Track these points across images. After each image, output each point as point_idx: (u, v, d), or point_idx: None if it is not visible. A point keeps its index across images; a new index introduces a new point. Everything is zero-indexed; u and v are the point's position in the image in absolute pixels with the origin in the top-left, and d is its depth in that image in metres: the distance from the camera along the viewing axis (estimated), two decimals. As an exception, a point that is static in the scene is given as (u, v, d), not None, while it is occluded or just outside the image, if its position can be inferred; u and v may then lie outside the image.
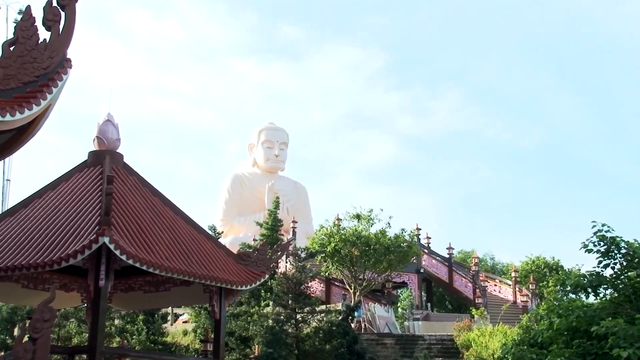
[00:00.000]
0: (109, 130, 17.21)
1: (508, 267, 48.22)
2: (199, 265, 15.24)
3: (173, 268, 14.16)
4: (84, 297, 14.72)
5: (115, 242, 13.03)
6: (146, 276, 16.28)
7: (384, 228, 31.63)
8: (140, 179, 17.29)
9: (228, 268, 16.27)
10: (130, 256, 13.23)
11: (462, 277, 39.36)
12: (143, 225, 15.19)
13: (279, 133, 51.90)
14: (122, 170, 17.00)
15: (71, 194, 15.78)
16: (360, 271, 31.36)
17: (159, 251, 14.57)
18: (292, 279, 26.94)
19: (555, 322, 12.15)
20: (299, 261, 29.36)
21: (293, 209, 48.26)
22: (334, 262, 31.43)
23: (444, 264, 39.83)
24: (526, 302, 35.35)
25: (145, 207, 16.15)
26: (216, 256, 16.40)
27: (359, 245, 30.55)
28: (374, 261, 30.79)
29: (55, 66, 10.86)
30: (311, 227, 48.09)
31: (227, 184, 50.43)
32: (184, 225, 16.74)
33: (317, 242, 31.83)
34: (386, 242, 30.68)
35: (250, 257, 17.03)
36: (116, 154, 17.23)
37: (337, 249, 30.76)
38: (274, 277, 30.01)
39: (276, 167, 51.39)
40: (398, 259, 31.54)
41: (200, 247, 16.21)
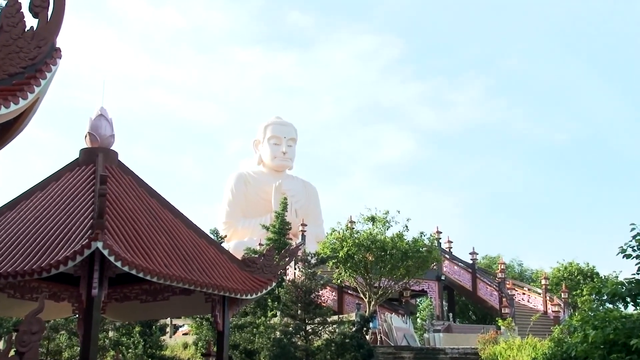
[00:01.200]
0: (102, 125, 17.24)
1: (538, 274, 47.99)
2: (201, 272, 15.24)
3: (172, 275, 14.16)
4: (76, 308, 14.75)
5: (109, 247, 13.04)
6: (143, 284, 16.31)
7: (401, 231, 31.55)
8: (136, 179, 17.30)
9: (232, 275, 16.26)
10: (126, 263, 13.24)
11: (487, 285, 39.22)
12: (139, 229, 15.20)
13: (287, 128, 51.92)
14: (117, 169, 17.03)
15: (61, 195, 15.82)
16: (375, 278, 31.30)
17: (157, 257, 14.58)
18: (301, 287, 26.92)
19: (590, 335, 12.05)
20: (308, 267, 29.33)
21: (302, 210, 48.25)
22: (346, 268, 31.38)
23: (467, 270, 39.70)
24: (558, 312, 35.16)
25: (142, 209, 16.16)
26: (219, 262, 16.39)
27: (374, 250, 30.48)
28: (391, 267, 30.72)
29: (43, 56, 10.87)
30: (322, 230, 48.05)
31: (230, 184, 50.52)
32: (184, 228, 16.74)
33: (329, 246, 31.79)
34: (404, 247, 30.59)
35: (255, 264, 17.03)
36: (110, 152, 17.25)
37: (350, 254, 30.72)
38: (282, 285, 30.00)
39: (284, 166, 51.42)
40: (417, 265, 31.44)
41: (202, 252, 16.21)
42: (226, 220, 49.06)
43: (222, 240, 37.90)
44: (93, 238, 12.92)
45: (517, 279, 46.91)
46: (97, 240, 12.87)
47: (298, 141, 53.16)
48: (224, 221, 49.00)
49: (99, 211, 13.47)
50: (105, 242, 13.02)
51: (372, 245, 30.47)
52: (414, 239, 31.54)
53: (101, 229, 13.13)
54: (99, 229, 13.10)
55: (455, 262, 39.95)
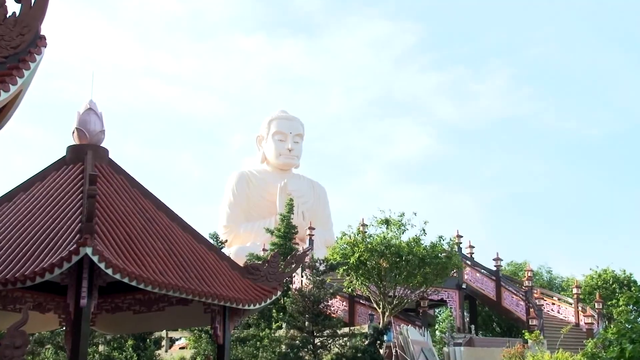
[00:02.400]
0: (91, 120, 17.25)
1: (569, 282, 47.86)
2: (199, 281, 15.22)
3: (168, 284, 14.15)
4: (63, 319, 14.77)
5: (99, 253, 13.04)
6: (136, 294, 16.33)
7: (418, 235, 31.50)
8: (129, 179, 17.30)
9: (233, 284, 16.24)
10: (117, 270, 13.23)
11: (512, 294, 39.12)
12: (132, 233, 15.19)
13: (293, 123, 51.95)
14: (107, 168, 17.04)
15: (47, 197, 15.83)
16: (390, 287, 31.26)
17: (152, 264, 14.57)
18: (309, 297, 26.90)
19: (627, 349, 11.98)
20: (317, 275, 29.32)
21: (310, 213, 48.27)
22: (358, 276, 31.35)
23: (491, 278, 39.61)
24: (591, 324, 35.03)
25: (135, 211, 16.16)
26: (219, 270, 16.37)
27: (388, 256, 30.45)
28: (407, 275, 30.68)
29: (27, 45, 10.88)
30: (331, 234, 48.01)
31: (231, 183, 50.60)
32: (181, 233, 16.73)
33: (339, 252, 31.77)
34: (421, 252, 30.53)
35: (259, 271, 17.02)
36: (100, 149, 17.26)
37: (362, 260, 30.69)
38: (288, 294, 29.98)
39: (289, 164, 51.46)
40: (435, 273, 31.38)
41: (200, 258, 16.20)
42: (227, 223, 49.13)
43: (222, 245, 37.93)
44: (81, 243, 12.92)
45: (545, 287, 46.78)
46: (86, 245, 12.87)
47: (305, 137, 53.18)
48: (224, 224, 49.07)
49: (88, 214, 13.47)
50: (95, 247, 13.01)
51: (386, 250, 30.42)
52: (432, 244, 31.47)
53: (90, 234, 13.13)
54: (88, 234, 13.09)
55: (477, 269, 39.87)
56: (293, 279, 33.89)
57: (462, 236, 39.51)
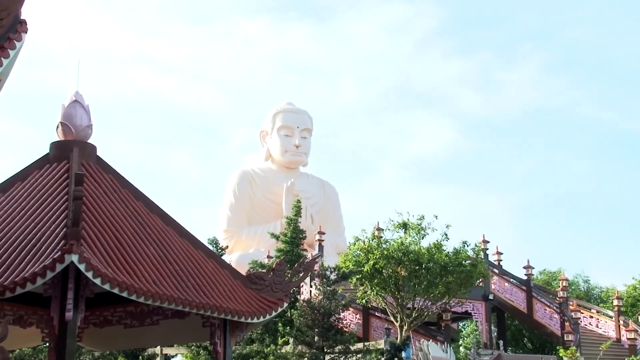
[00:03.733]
0: (77, 114, 17.29)
1: (608, 293, 47.57)
2: (197, 291, 15.23)
3: (162, 295, 14.16)
4: (46, 334, 14.77)
5: (87, 261, 13.06)
6: (127, 306, 16.34)
7: (439, 241, 31.42)
8: (119, 178, 17.32)
9: (234, 294, 16.24)
10: (107, 279, 13.25)
11: (545, 306, 38.99)
12: (123, 238, 15.21)
13: (300, 116, 51.96)
14: (95, 167, 17.06)
15: (28, 199, 15.86)
16: (408, 298, 31.22)
17: (144, 273, 14.58)
18: (318, 309, 26.88)
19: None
20: (327, 285, 29.30)
21: (319, 215, 48.25)
22: (373, 285, 31.32)
23: (521, 288, 39.50)
24: (634, 339, 34.86)
25: (126, 215, 16.18)
26: (219, 279, 16.38)
27: (406, 264, 30.40)
28: (427, 284, 30.62)
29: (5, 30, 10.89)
30: (343, 239, 47.98)
31: (232, 183, 50.68)
32: (177, 238, 16.74)
33: (352, 259, 31.75)
34: (443, 260, 30.47)
35: (263, 280, 17.03)
36: (87, 145, 17.29)
37: (377, 268, 30.66)
38: (295, 305, 29.97)
39: (297, 161, 51.50)
40: (459, 282, 31.31)
41: (198, 267, 16.20)
42: (227, 227, 49.20)
43: (222, 252, 37.97)
44: (67, 250, 12.94)
45: (582, 298, 46.56)
46: (72, 252, 12.88)
47: (314, 132, 53.14)
48: (224, 229, 49.14)
49: (73, 218, 13.49)
50: (82, 254, 13.03)
51: (405, 257, 30.37)
52: (455, 250, 31.39)
53: (76, 239, 13.14)
54: (73, 239, 13.11)
55: (506, 278, 39.75)
56: (301, 289, 33.87)
57: (488, 241, 39.38)
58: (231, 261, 38.64)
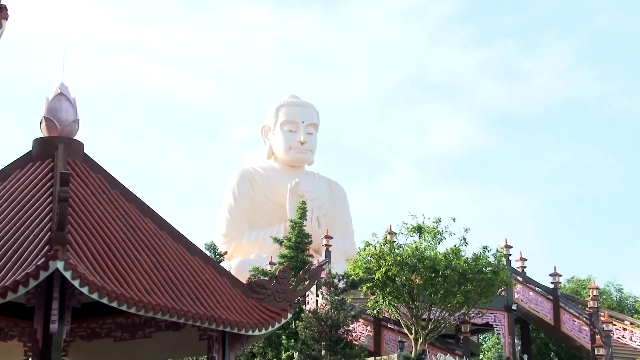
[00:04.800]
0: (62, 108, 17.29)
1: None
2: (193, 301, 15.22)
3: (156, 305, 14.16)
4: (29, 348, 14.77)
5: (73, 268, 13.05)
6: (117, 317, 16.33)
7: (457, 245, 31.40)
8: (109, 178, 17.32)
9: (234, 304, 16.23)
10: (95, 288, 13.24)
11: (574, 317, 38.93)
12: (113, 244, 15.20)
13: (306, 111, 51.97)
14: (83, 166, 17.06)
15: (9, 201, 15.85)
16: (424, 308, 31.20)
17: (136, 281, 14.57)
18: (325, 320, 26.87)
19: None
20: (335, 294, 29.28)
21: (326, 218, 48.25)
22: (385, 294, 31.31)
23: (547, 297, 39.44)
24: (670, 353, 34.77)
25: (116, 218, 16.17)
26: (217, 287, 16.37)
27: (421, 271, 30.38)
28: (444, 293, 30.60)
29: (-16, 17, 10.89)
30: (352, 244, 47.97)
31: (231, 184, 50.71)
32: (171, 243, 16.73)
33: (362, 266, 31.74)
34: (461, 266, 30.44)
35: (265, 289, 17.03)
36: (73, 142, 17.28)
37: (390, 275, 30.65)
38: (300, 316, 29.97)
39: (302, 159, 51.52)
40: (479, 291, 31.29)
41: (195, 274, 16.19)
42: (226, 231, 49.24)
43: (221, 258, 37.99)
44: (51, 256, 12.93)
45: (615, 309, 46.46)
46: (57, 259, 12.87)
47: (320, 127, 53.16)
48: (223, 233, 49.17)
49: (59, 221, 13.49)
50: (68, 261, 13.02)
51: (420, 264, 30.36)
52: (474, 256, 31.36)
53: (62, 245, 13.14)
54: (59, 245, 13.10)
55: (530, 286, 39.70)
56: (306, 299, 33.88)
57: (511, 246, 39.33)
58: (230, 268, 38.66)
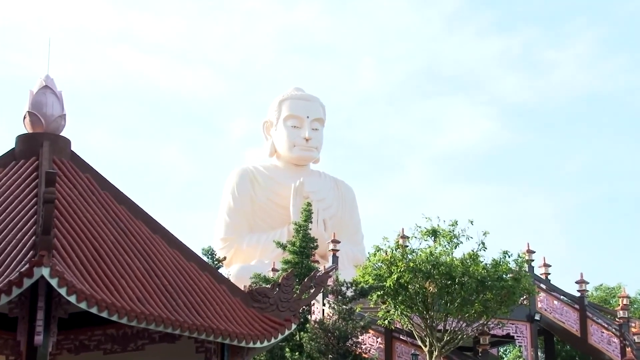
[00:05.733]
0: (47, 102, 17.31)
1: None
2: (189, 310, 15.23)
3: (149, 315, 14.17)
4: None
5: (60, 275, 13.06)
6: (107, 328, 16.37)
7: (475, 251, 31.36)
8: (98, 178, 17.34)
9: (233, 314, 16.24)
10: (83, 297, 13.25)
11: (602, 328, 38.86)
12: (102, 249, 15.22)
13: (311, 105, 51.95)
14: (70, 164, 17.08)
15: (-8, 202, 15.91)
16: (439, 318, 31.17)
17: (127, 289, 14.58)
18: (332, 331, 26.86)
19: None
20: (343, 303, 29.26)
21: (333, 221, 48.24)
22: (397, 303, 31.29)
23: (573, 307, 39.37)
24: None
25: (106, 220, 16.19)
26: (215, 296, 16.37)
27: (436, 278, 30.35)
28: (461, 302, 30.56)
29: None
30: (361, 249, 47.93)
31: (231, 184, 50.73)
32: (166, 248, 16.74)
33: (372, 273, 31.71)
34: (480, 273, 30.41)
35: (267, 297, 17.05)
36: (60, 139, 17.31)
37: (402, 283, 30.62)
38: (305, 327, 29.96)
39: (307, 157, 51.51)
40: (499, 299, 31.24)
41: (191, 281, 16.20)
42: (225, 235, 49.26)
43: (219, 264, 38.00)
44: (36, 262, 12.95)
45: (646, 319, 46.31)
46: (42, 265, 12.89)
47: (327, 122, 53.17)
48: (222, 237, 49.20)
49: (44, 224, 13.49)
50: (54, 267, 13.04)
51: (434, 270, 30.32)
52: (494, 262, 31.31)
53: (47, 250, 13.16)
54: (44, 250, 13.12)
55: (555, 294, 39.63)
56: (312, 308, 33.87)
57: (534, 251, 39.28)
58: (230, 275, 38.65)
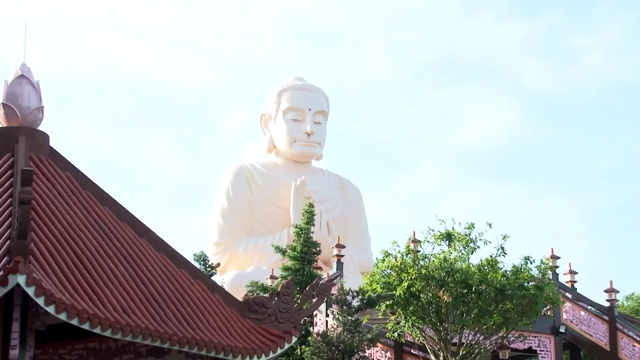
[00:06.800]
0: (23, 93, 17.31)
1: None
2: (179, 322, 15.25)
3: (135, 327, 14.18)
4: (-14, 377, 14.88)
5: (37, 283, 13.08)
6: (89, 341, 16.38)
7: (494, 256, 31.35)
8: (79, 176, 17.35)
9: (228, 326, 16.25)
10: (62, 307, 13.26)
11: (634, 342, 38.86)
12: (84, 254, 15.23)
13: (313, 96, 51.97)
14: (48, 161, 17.09)
15: (-38, 203, 15.91)
16: (454, 330, 31.18)
17: (111, 298, 14.59)
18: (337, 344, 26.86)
19: None
20: (348, 313, 29.26)
21: (338, 224, 48.25)
22: (408, 314, 31.30)
23: (602, 318, 39.38)
24: None
25: (88, 223, 16.20)
26: (208, 306, 16.38)
27: (451, 286, 30.36)
28: (478, 313, 30.57)
29: None
30: (368, 254, 48.01)
31: (225, 183, 50.74)
32: (153, 253, 16.76)
33: (380, 280, 31.72)
34: (499, 281, 30.40)
35: (265, 307, 17.07)
36: (37, 134, 17.31)
37: (413, 292, 30.63)
38: (307, 340, 29.97)
39: (308, 154, 51.52)
40: (520, 310, 31.23)
41: (181, 290, 16.21)
42: (219, 239, 49.28)
43: (213, 270, 38.02)
44: (11, 269, 12.97)
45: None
46: (17, 272, 12.91)
47: (331, 115, 53.20)
48: (215, 241, 49.23)
49: (20, 227, 13.50)
50: (30, 275, 13.05)
51: (449, 277, 30.32)
52: (514, 268, 31.30)
53: (24, 256, 13.17)
54: (20, 256, 13.13)
55: (581, 304, 39.62)
56: (314, 319, 33.90)
57: (559, 257, 39.28)
58: (224, 283, 38.68)
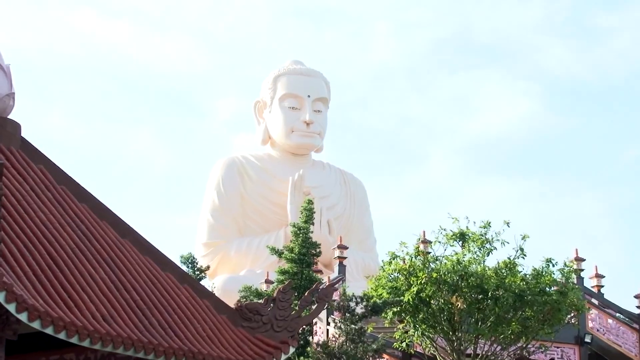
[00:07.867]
0: (-7, 78, 17.35)
1: None
2: (165, 331, 15.26)
3: (116, 336, 14.20)
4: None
5: (8, 288, 13.10)
6: (66, 352, 16.41)
7: (512, 258, 31.38)
8: (54, 170, 17.36)
9: (219, 335, 16.27)
10: (35, 315, 13.28)
11: (666, 352, 38.94)
12: (60, 256, 15.23)
13: (312, 81, 51.99)
14: (20, 153, 17.10)
15: None
16: (468, 340, 31.23)
17: (90, 305, 14.60)
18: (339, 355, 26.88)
19: None
20: (351, 321, 29.28)
21: (340, 222, 48.31)
22: (417, 322, 31.35)
23: (632, 326, 39.46)
24: None
25: (64, 222, 16.21)
26: (197, 313, 16.41)
27: (465, 291, 30.41)
28: (495, 321, 30.61)
29: None
30: (374, 256, 48.07)
31: (216, 177, 50.77)
32: (137, 256, 16.77)
33: (386, 285, 31.77)
34: (517, 286, 30.44)
35: (260, 315, 17.10)
36: (8, 123, 17.33)
37: (423, 297, 30.68)
38: (306, 351, 30.00)
39: (307, 145, 51.55)
40: (541, 317, 31.28)
41: (167, 296, 16.23)
42: (209, 240, 49.32)
43: (202, 274, 38.03)
44: (-20, 273, 13.00)
45: None
46: (-13, 276, 12.95)
47: (332, 103, 53.22)
48: (205, 241, 49.27)
49: (-11, 226, 13.54)
50: (1, 280, 13.08)
51: (462, 282, 30.37)
52: (535, 272, 31.34)
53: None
54: (-11, 257, 13.17)
55: (609, 311, 39.70)
56: (314, 328, 33.92)
57: (584, 259, 39.33)
58: (214, 288, 38.71)
